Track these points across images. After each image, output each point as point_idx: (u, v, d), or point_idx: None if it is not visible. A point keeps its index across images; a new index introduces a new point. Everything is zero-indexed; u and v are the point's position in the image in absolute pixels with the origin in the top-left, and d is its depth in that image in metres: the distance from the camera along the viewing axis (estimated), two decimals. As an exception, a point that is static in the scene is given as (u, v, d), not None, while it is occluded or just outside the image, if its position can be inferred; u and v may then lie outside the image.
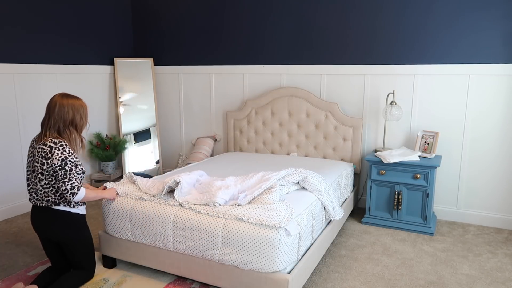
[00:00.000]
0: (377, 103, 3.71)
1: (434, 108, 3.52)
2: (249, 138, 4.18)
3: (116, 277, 2.59)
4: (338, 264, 2.76)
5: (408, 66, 3.54)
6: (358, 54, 3.73)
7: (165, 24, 4.63)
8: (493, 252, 2.96)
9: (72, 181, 2.25)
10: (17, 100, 3.66)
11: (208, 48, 4.43)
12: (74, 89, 4.17)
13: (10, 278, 2.58)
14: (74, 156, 2.30)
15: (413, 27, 3.49)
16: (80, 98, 2.44)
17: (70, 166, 2.25)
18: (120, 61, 4.57)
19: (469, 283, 2.53)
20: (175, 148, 4.81)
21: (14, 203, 3.71)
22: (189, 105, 4.64)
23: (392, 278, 2.58)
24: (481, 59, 3.30)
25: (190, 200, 2.40)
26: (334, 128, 3.78)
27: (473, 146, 3.43)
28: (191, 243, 2.31)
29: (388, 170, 3.34)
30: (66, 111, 2.33)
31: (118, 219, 2.57)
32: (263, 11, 4.07)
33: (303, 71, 3.96)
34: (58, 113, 2.32)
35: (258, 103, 4.10)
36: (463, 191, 3.52)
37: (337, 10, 3.74)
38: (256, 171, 2.92)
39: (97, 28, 4.41)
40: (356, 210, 3.78)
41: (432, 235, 3.25)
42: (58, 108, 2.32)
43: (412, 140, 3.62)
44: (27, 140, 3.77)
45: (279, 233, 2.07)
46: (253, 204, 2.31)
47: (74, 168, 2.27)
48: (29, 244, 3.10)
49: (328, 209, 2.71)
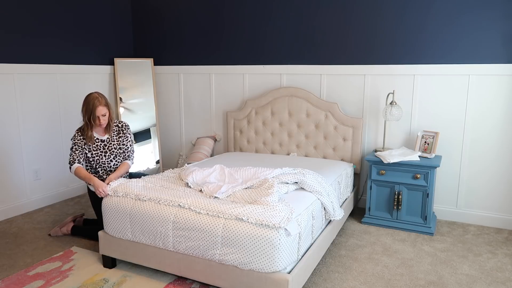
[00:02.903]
0: (377, 103, 3.71)
1: (434, 108, 3.52)
2: (249, 138, 4.18)
3: (116, 277, 2.59)
4: (338, 264, 2.76)
5: (408, 66, 3.54)
6: (358, 54, 3.73)
7: (165, 24, 4.63)
8: (493, 252, 2.96)
9: (70, 156, 2.93)
10: (17, 100, 3.67)
11: (208, 48, 4.43)
12: (74, 89, 4.18)
13: (10, 278, 2.58)
14: (78, 139, 2.93)
15: (413, 27, 3.49)
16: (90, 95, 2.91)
17: (71, 145, 2.95)
18: (120, 61, 4.57)
19: (469, 283, 2.54)
20: (175, 148, 4.82)
21: (14, 203, 3.72)
22: (189, 105, 4.64)
23: (392, 278, 2.58)
24: (481, 59, 3.30)
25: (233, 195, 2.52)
26: (334, 128, 3.78)
27: (473, 146, 3.43)
28: (191, 243, 2.31)
29: (388, 170, 3.34)
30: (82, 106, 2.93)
31: (118, 219, 2.57)
32: (263, 11, 4.07)
33: (303, 71, 3.96)
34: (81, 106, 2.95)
35: (258, 103, 4.10)
36: (463, 191, 3.52)
37: (337, 10, 3.74)
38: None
39: (97, 28, 4.41)
40: (356, 210, 3.78)
41: (432, 235, 3.25)
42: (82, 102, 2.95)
43: (412, 140, 3.62)
44: (27, 140, 3.77)
45: (279, 233, 2.07)
46: (253, 204, 2.31)
47: (74, 146, 2.93)
48: (29, 244, 3.10)
49: (328, 209, 2.71)
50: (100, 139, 3.01)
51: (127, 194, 2.58)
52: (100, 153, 3.00)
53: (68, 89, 4.14)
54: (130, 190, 2.61)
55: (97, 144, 3.00)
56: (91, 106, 2.86)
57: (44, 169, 3.96)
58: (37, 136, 3.87)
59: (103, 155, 3.01)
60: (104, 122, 2.93)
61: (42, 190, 3.96)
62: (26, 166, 3.79)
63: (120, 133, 3.09)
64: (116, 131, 3.08)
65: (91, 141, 2.95)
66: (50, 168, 4.02)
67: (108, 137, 3.04)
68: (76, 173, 2.87)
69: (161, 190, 2.60)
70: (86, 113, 2.88)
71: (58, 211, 3.83)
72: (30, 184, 3.85)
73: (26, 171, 3.80)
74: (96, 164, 3.01)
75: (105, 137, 3.03)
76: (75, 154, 2.90)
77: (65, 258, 2.85)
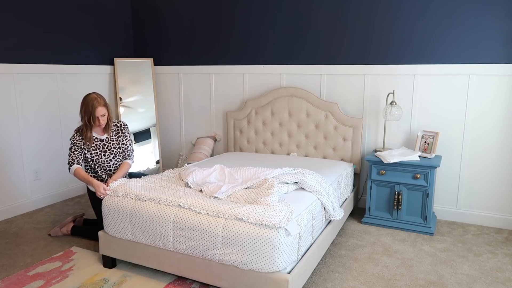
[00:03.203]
0: (377, 103, 3.71)
1: (434, 108, 3.52)
2: (249, 138, 4.18)
3: (116, 277, 2.59)
4: (338, 264, 2.76)
5: (408, 66, 3.54)
6: (358, 54, 3.73)
7: (165, 24, 4.63)
8: (493, 252, 2.96)
9: (69, 157, 2.94)
10: (17, 100, 3.67)
11: (208, 48, 4.43)
12: (74, 89, 4.18)
13: (10, 278, 2.58)
14: (77, 139, 2.94)
15: (413, 26, 3.49)
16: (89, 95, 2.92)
17: (70, 145, 2.96)
18: (120, 61, 4.57)
19: (469, 283, 2.54)
20: (175, 148, 4.81)
21: (14, 203, 3.72)
22: (189, 105, 4.64)
23: (392, 278, 2.58)
24: (481, 59, 3.30)
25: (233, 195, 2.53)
26: (334, 128, 3.78)
27: (473, 146, 3.43)
28: (191, 243, 2.31)
29: (388, 170, 3.34)
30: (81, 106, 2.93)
31: (118, 219, 2.57)
32: (263, 11, 4.07)
33: (303, 71, 3.96)
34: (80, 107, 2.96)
35: (258, 103, 4.10)
36: (463, 191, 3.52)
37: (337, 10, 3.74)
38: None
39: (97, 28, 4.42)
40: (356, 210, 3.78)
41: (432, 235, 3.25)
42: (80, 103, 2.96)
43: (412, 140, 3.62)
44: (27, 140, 3.77)
45: (279, 233, 2.07)
46: (253, 204, 2.31)
47: (73, 146, 2.93)
48: (29, 244, 3.10)
49: (328, 209, 2.71)
50: (99, 138, 3.02)
51: (127, 194, 2.58)
52: (99, 153, 3.01)
53: (68, 89, 4.14)
54: (130, 190, 2.61)
55: (96, 143, 3.00)
56: (91, 107, 2.87)
57: (44, 169, 3.96)
58: (37, 136, 3.87)
59: (103, 155, 3.02)
60: (103, 122, 2.94)
61: (42, 190, 3.96)
62: (26, 166, 3.79)
63: (119, 132, 3.10)
64: (115, 130, 3.09)
65: (90, 141, 2.96)
66: (50, 168, 4.02)
67: (107, 136, 3.05)
68: (75, 174, 2.89)
69: (161, 190, 2.60)
70: (85, 114, 2.89)
71: (58, 211, 3.83)
72: (30, 184, 3.85)
73: (26, 171, 3.80)
74: (96, 164, 3.01)
75: (104, 137, 3.04)
76: (74, 155, 2.92)
77: (65, 258, 2.85)
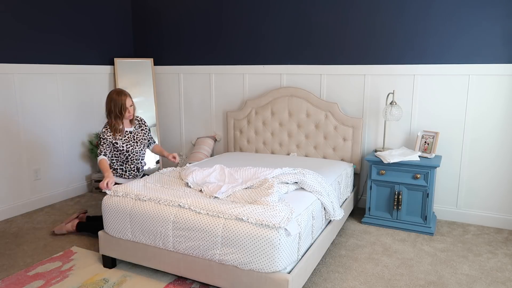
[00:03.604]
0: (377, 103, 3.71)
1: (434, 108, 3.52)
2: (249, 138, 4.18)
3: (116, 277, 2.59)
4: (338, 264, 2.76)
5: (408, 66, 3.54)
6: (358, 54, 3.73)
7: (165, 24, 4.63)
8: (493, 252, 2.96)
9: (99, 147, 3.07)
10: (17, 100, 3.67)
11: (208, 48, 4.43)
12: (74, 89, 4.18)
13: (10, 278, 2.58)
14: (107, 134, 3.05)
15: (413, 26, 3.49)
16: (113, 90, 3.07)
17: (100, 140, 3.12)
18: (120, 61, 4.57)
19: (469, 283, 2.54)
20: (175, 148, 4.81)
21: (14, 203, 3.72)
22: (189, 105, 4.64)
23: (392, 278, 2.58)
24: (481, 59, 3.30)
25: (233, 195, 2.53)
26: (334, 128, 3.78)
27: (473, 146, 3.43)
28: (191, 243, 2.31)
29: (388, 170, 3.34)
30: (107, 103, 3.07)
31: (118, 219, 2.57)
32: (263, 10, 4.07)
33: (303, 71, 3.96)
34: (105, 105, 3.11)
35: (258, 103, 4.10)
36: (463, 191, 3.52)
37: (337, 9, 3.74)
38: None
39: (97, 28, 4.41)
40: (356, 210, 3.78)
41: (432, 235, 3.25)
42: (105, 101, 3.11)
43: (412, 140, 3.62)
44: (27, 140, 3.77)
45: (279, 233, 2.07)
46: (253, 204, 2.31)
47: (102, 140, 3.07)
48: (29, 244, 3.10)
49: (328, 209, 2.71)
50: (129, 131, 3.18)
51: (127, 194, 2.58)
52: (133, 143, 3.16)
53: (68, 89, 4.14)
54: (130, 190, 2.61)
55: (127, 135, 3.15)
56: (119, 99, 3.03)
57: (44, 169, 3.96)
58: (37, 136, 3.87)
59: (136, 145, 3.17)
60: (132, 112, 3.12)
61: (42, 190, 3.96)
62: (26, 166, 3.79)
63: (142, 125, 3.29)
64: (137, 124, 3.27)
65: (122, 133, 3.10)
66: (50, 168, 4.02)
67: (134, 128, 3.22)
68: (99, 163, 3.00)
69: (161, 190, 2.60)
70: (115, 107, 3.02)
71: (58, 211, 3.83)
72: (30, 184, 3.85)
73: (26, 171, 3.80)
74: (130, 153, 3.14)
75: (132, 129, 3.21)
76: (102, 147, 3.04)
77: (65, 258, 2.85)
